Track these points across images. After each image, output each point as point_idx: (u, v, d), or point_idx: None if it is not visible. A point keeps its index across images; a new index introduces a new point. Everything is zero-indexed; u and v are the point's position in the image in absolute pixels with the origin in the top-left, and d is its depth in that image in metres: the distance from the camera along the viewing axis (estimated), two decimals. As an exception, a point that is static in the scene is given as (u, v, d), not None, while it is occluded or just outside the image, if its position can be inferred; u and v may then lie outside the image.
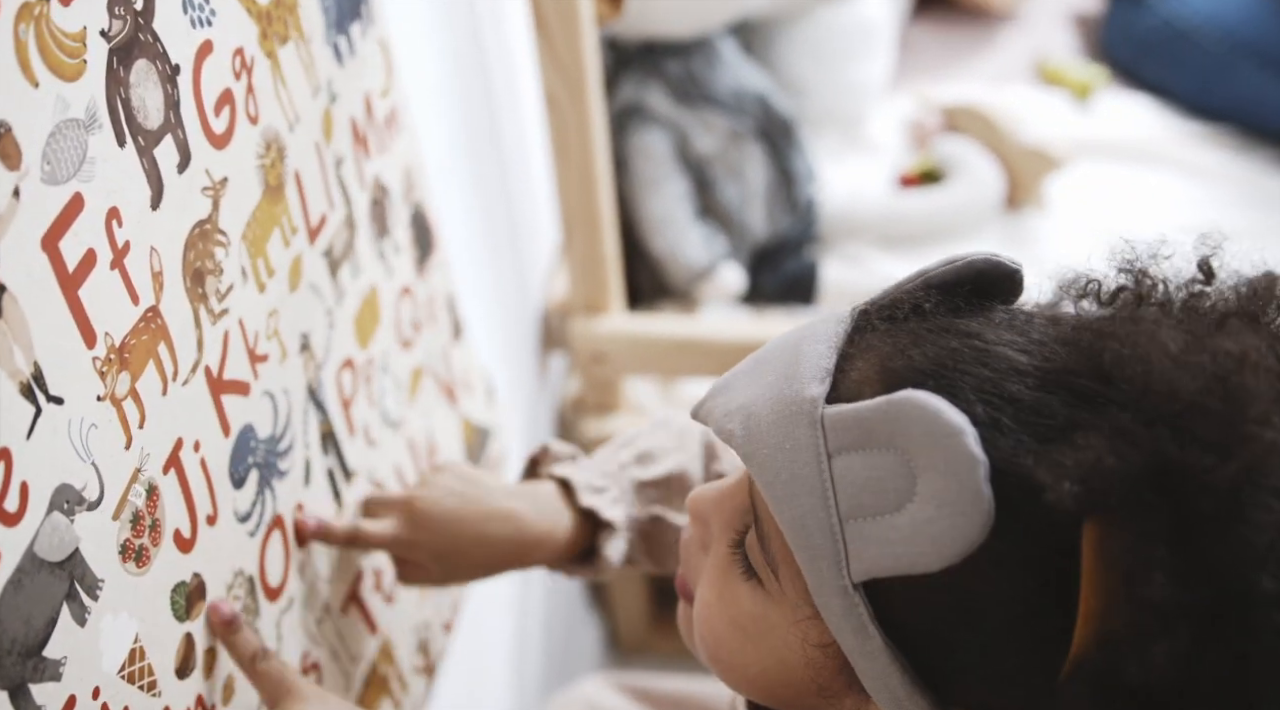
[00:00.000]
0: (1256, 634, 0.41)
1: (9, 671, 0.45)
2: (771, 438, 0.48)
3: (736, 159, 1.55)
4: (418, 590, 0.86)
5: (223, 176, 0.60)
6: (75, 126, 0.48)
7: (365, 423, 0.79)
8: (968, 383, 0.46)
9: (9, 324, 0.45)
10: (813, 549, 0.47)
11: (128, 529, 0.53)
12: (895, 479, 0.45)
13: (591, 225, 1.29)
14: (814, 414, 0.47)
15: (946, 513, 0.44)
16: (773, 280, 1.60)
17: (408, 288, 0.85)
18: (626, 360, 1.38)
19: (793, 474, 0.47)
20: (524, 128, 1.31)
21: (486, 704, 1.18)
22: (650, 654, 1.70)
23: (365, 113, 0.77)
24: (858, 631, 0.47)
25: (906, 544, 0.44)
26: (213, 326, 0.60)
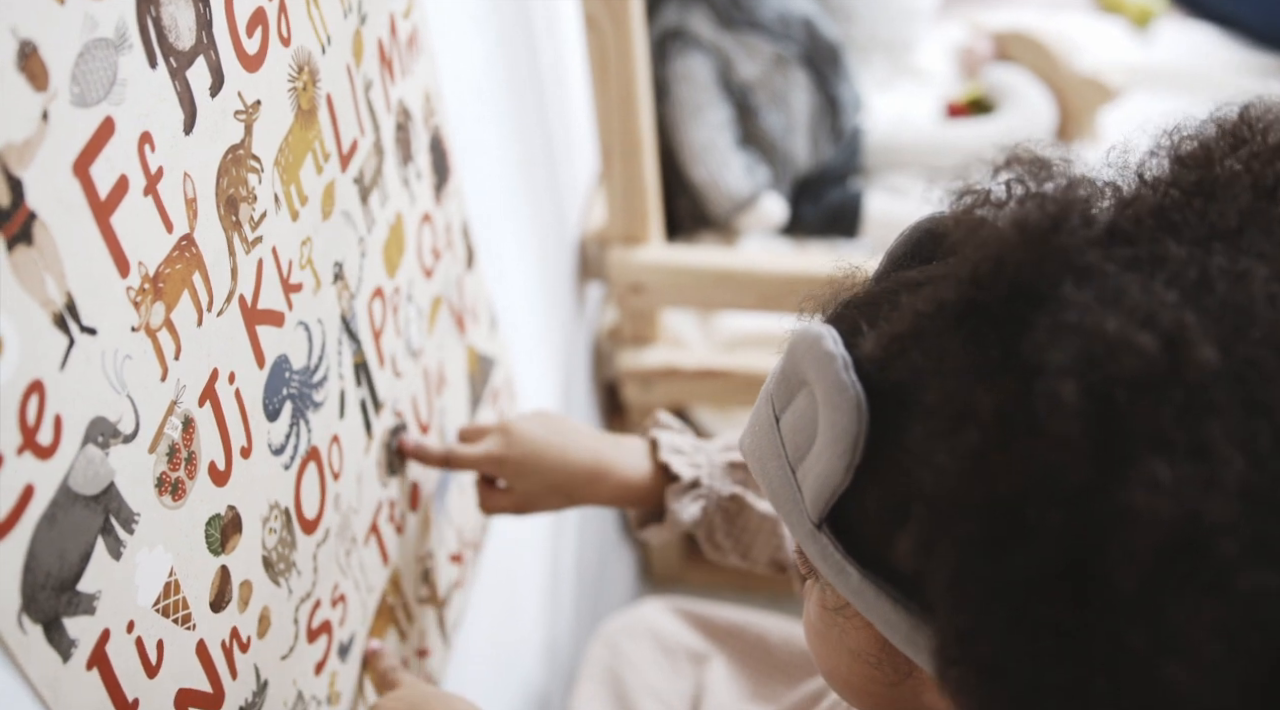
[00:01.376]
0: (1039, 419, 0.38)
1: (43, 605, 0.44)
2: (751, 428, 0.52)
3: (780, 86, 1.51)
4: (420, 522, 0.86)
5: (255, 100, 0.58)
6: (105, 46, 0.47)
7: (393, 353, 0.78)
8: (863, 310, 0.48)
9: (40, 252, 0.44)
10: (786, 508, 0.49)
11: (164, 462, 0.52)
12: (809, 410, 0.47)
13: (631, 153, 1.26)
14: (768, 390, 0.50)
15: (828, 415, 0.45)
16: (815, 211, 1.57)
17: (428, 215, 0.84)
18: (664, 291, 1.36)
19: (761, 449, 0.50)
20: (563, 51, 1.28)
21: (519, 632, 1.18)
22: (682, 585, 1.71)
23: (390, 34, 0.75)
24: (840, 573, 0.47)
25: (817, 462, 0.46)
26: (246, 255, 0.59)
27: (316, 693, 0.69)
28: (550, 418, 0.83)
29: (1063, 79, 1.63)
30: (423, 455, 0.82)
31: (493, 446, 0.81)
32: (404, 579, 0.83)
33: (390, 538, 0.81)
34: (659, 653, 1.03)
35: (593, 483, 0.80)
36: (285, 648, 0.65)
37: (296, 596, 0.66)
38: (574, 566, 1.40)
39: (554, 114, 1.25)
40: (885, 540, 0.44)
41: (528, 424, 0.82)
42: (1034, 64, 1.67)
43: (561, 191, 1.30)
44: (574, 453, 0.80)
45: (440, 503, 0.90)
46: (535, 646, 1.24)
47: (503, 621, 1.12)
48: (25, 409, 0.43)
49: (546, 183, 1.23)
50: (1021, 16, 1.79)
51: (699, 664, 1.02)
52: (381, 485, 0.79)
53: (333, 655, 0.72)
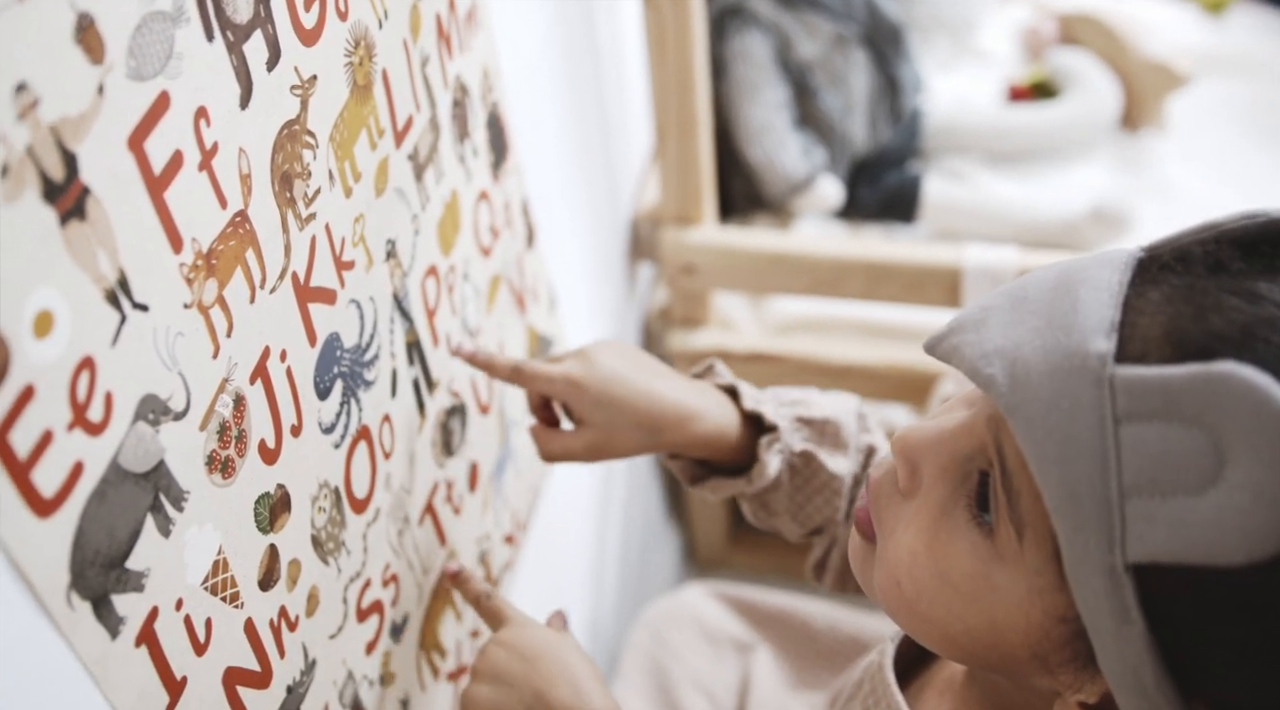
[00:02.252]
0: None
1: (92, 582, 0.44)
2: (1044, 391, 0.44)
3: (840, 66, 1.49)
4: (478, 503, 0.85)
5: (311, 74, 0.58)
6: (162, 19, 0.46)
7: (447, 331, 0.78)
8: (1273, 354, 0.41)
9: (93, 227, 0.43)
10: (1080, 519, 0.43)
11: (214, 440, 0.52)
12: (1199, 458, 0.40)
13: (686, 131, 1.24)
14: (1101, 372, 0.43)
15: (1264, 505, 0.39)
16: (872, 194, 1.55)
17: (485, 192, 0.83)
18: (716, 273, 1.35)
19: (1068, 435, 0.43)
20: (620, 27, 1.26)
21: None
22: (728, 568, 1.70)
23: (449, 9, 0.74)
24: (1117, 615, 0.43)
25: (1208, 532, 0.40)
26: (300, 232, 0.58)
27: (368, 672, 0.69)
28: (630, 347, 0.75)
29: (1129, 64, 1.59)
30: (488, 365, 0.75)
31: (571, 369, 0.72)
32: (461, 559, 0.83)
33: (448, 518, 0.80)
34: (703, 641, 1.02)
35: (682, 423, 0.72)
36: (334, 627, 0.65)
37: (346, 576, 0.66)
38: (618, 548, 1.40)
39: (610, 91, 1.24)
40: (1194, 618, 0.42)
41: (609, 350, 0.73)
42: (1100, 48, 1.63)
43: (615, 170, 1.28)
44: (661, 388, 0.72)
45: (498, 484, 0.90)
46: (579, 628, 1.23)
47: (547, 603, 1.12)
48: (76, 385, 0.43)
49: (601, 161, 1.22)
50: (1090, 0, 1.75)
51: (744, 653, 1.01)
52: (437, 465, 0.78)
53: (384, 635, 0.71)
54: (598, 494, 1.29)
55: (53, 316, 0.42)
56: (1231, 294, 0.43)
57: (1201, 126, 1.61)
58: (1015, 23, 1.76)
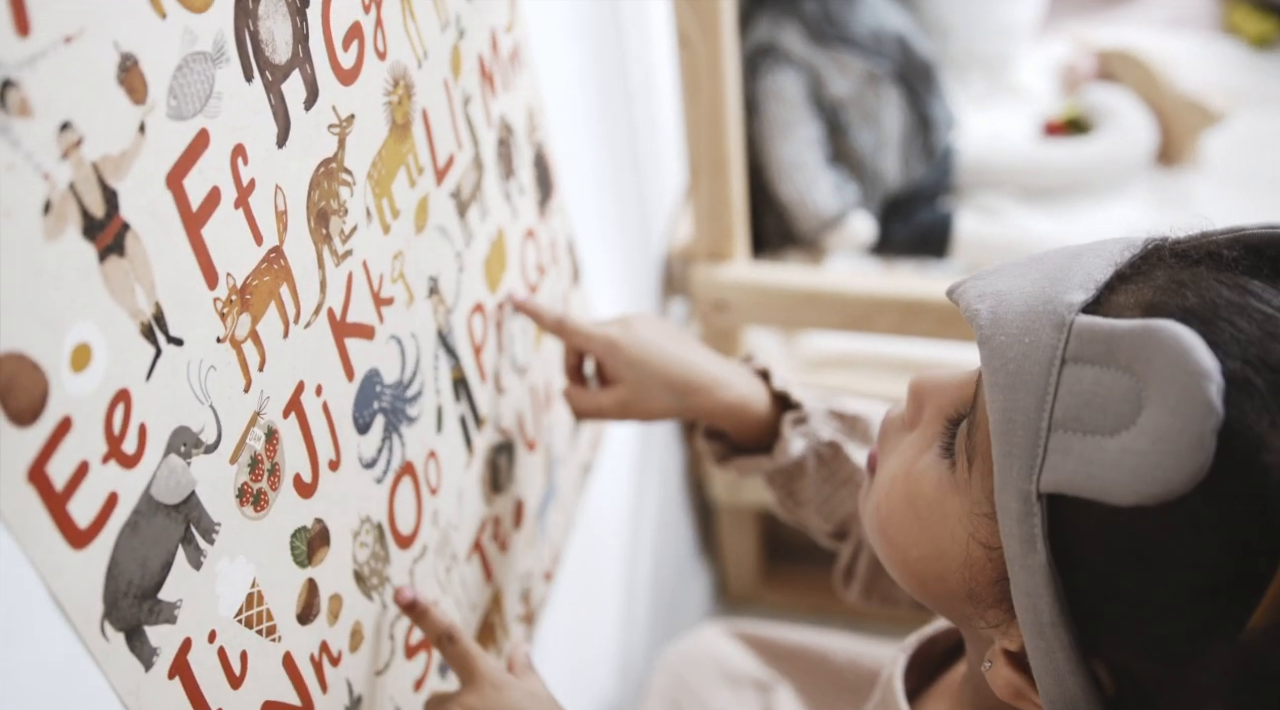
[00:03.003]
0: None
1: (125, 613, 0.45)
2: (1014, 326, 0.47)
3: (872, 103, 1.49)
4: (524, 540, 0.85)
5: (350, 113, 0.59)
6: (203, 59, 0.47)
7: (495, 369, 0.78)
8: (1232, 335, 0.43)
9: (132, 263, 0.44)
10: (1011, 445, 0.46)
11: (245, 472, 0.52)
12: (1121, 403, 0.43)
13: (719, 169, 1.25)
14: (1065, 317, 0.46)
15: (1160, 450, 0.41)
16: (904, 231, 1.54)
17: (531, 230, 0.84)
18: (749, 310, 1.35)
19: (1020, 367, 0.46)
20: (654, 66, 1.28)
21: (593, 650, 1.18)
22: (759, 605, 1.69)
23: (491, 49, 0.75)
24: (1026, 542, 0.45)
25: (1107, 469, 0.43)
26: (336, 268, 0.59)
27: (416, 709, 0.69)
28: (667, 321, 0.80)
29: (1165, 100, 1.58)
30: (535, 314, 0.80)
31: (611, 329, 0.77)
32: (506, 596, 0.83)
33: (494, 555, 0.80)
34: (724, 683, 1.01)
35: (710, 389, 0.76)
36: (380, 663, 0.65)
37: (392, 612, 0.66)
38: (649, 585, 1.39)
39: (643, 129, 1.25)
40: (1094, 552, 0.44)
41: (647, 319, 0.79)
42: (1137, 84, 1.62)
43: (648, 206, 1.29)
44: (693, 356, 0.77)
45: (542, 521, 0.90)
46: (609, 664, 1.23)
47: (578, 638, 1.11)
48: (111, 418, 0.43)
49: (634, 198, 1.23)
50: (1132, 34, 1.74)
51: (765, 692, 1.01)
52: (485, 502, 0.78)
53: (433, 672, 0.71)
54: (628, 530, 1.28)
55: (91, 350, 0.42)
56: (1220, 283, 0.45)
57: (1238, 163, 1.60)
58: (1052, 59, 1.76)
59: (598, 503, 1.12)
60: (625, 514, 1.27)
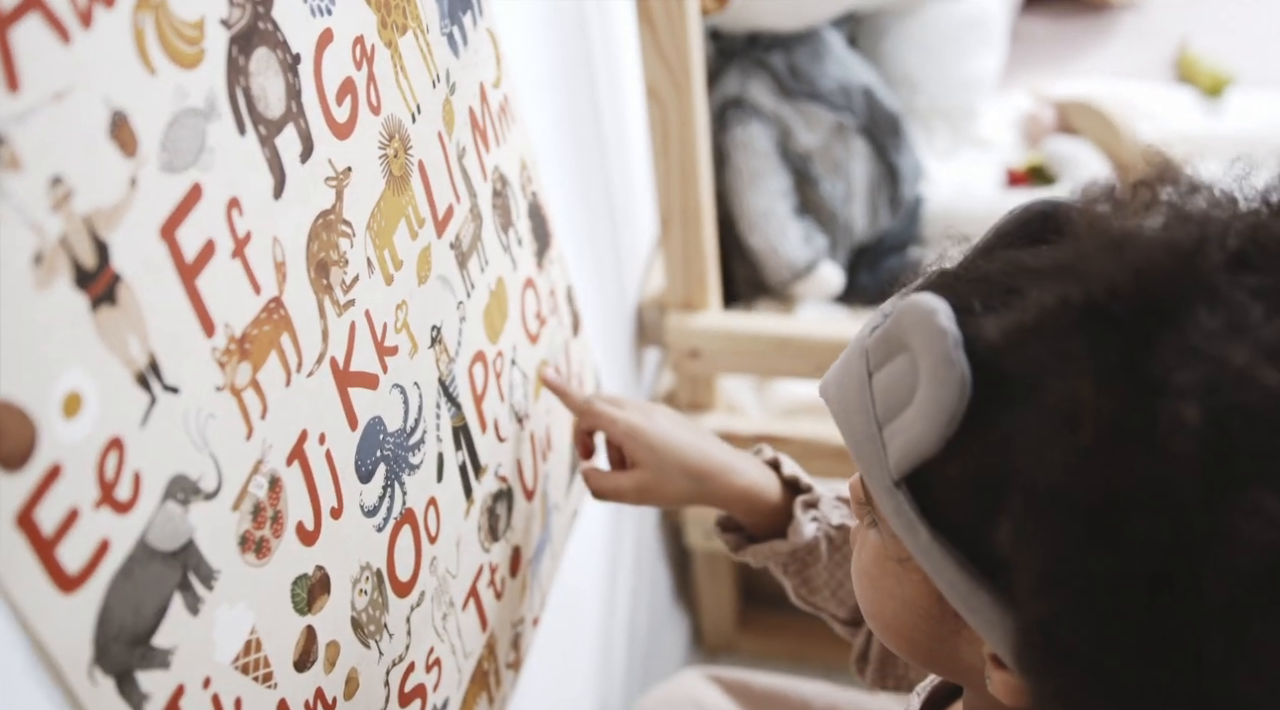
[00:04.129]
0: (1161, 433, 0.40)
1: (115, 658, 0.45)
2: (836, 377, 0.54)
3: (840, 155, 1.52)
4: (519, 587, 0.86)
5: (346, 166, 0.60)
6: (194, 115, 0.48)
7: (495, 417, 0.79)
8: (976, 287, 0.48)
9: (124, 312, 0.45)
10: (866, 460, 0.51)
11: (248, 520, 0.53)
12: (907, 376, 0.48)
13: (690, 220, 1.27)
14: (863, 345, 0.52)
15: (932, 388, 0.46)
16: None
17: (531, 280, 0.85)
18: (721, 358, 1.36)
19: (847, 400, 0.52)
20: (625, 119, 1.30)
21: (571, 698, 1.17)
22: (736, 652, 1.68)
23: (481, 102, 0.77)
24: (910, 530, 0.49)
25: (912, 427, 0.47)
26: (338, 318, 0.60)
27: None
28: (683, 416, 0.84)
29: (1124, 150, 1.62)
30: (563, 393, 0.85)
31: (633, 416, 0.81)
32: (499, 643, 0.83)
33: (490, 603, 0.80)
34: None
35: (724, 474, 0.79)
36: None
37: (388, 659, 0.66)
38: (626, 630, 1.39)
39: (616, 180, 1.27)
40: (959, 508, 0.48)
41: (666, 411, 0.83)
42: (1096, 134, 1.66)
43: (621, 257, 1.31)
44: (708, 445, 0.81)
45: (535, 568, 0.90)
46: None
47: (556, 686, 1.11)
48: (104, 464, 0.44)
49: (608, 248, 1.24)
50: (1090, 85, 1.78)
51: None
52: (483, 550, 0.78)
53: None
54: (605, 577, 1.29)
55: (81, 397, 0.43)
56: (976, 264, 0.51)
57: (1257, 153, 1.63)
58: (1014, 111, 1.80)
59: (576, 549, 1.12)
60: (602, 560, 1.27)
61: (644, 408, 0.82)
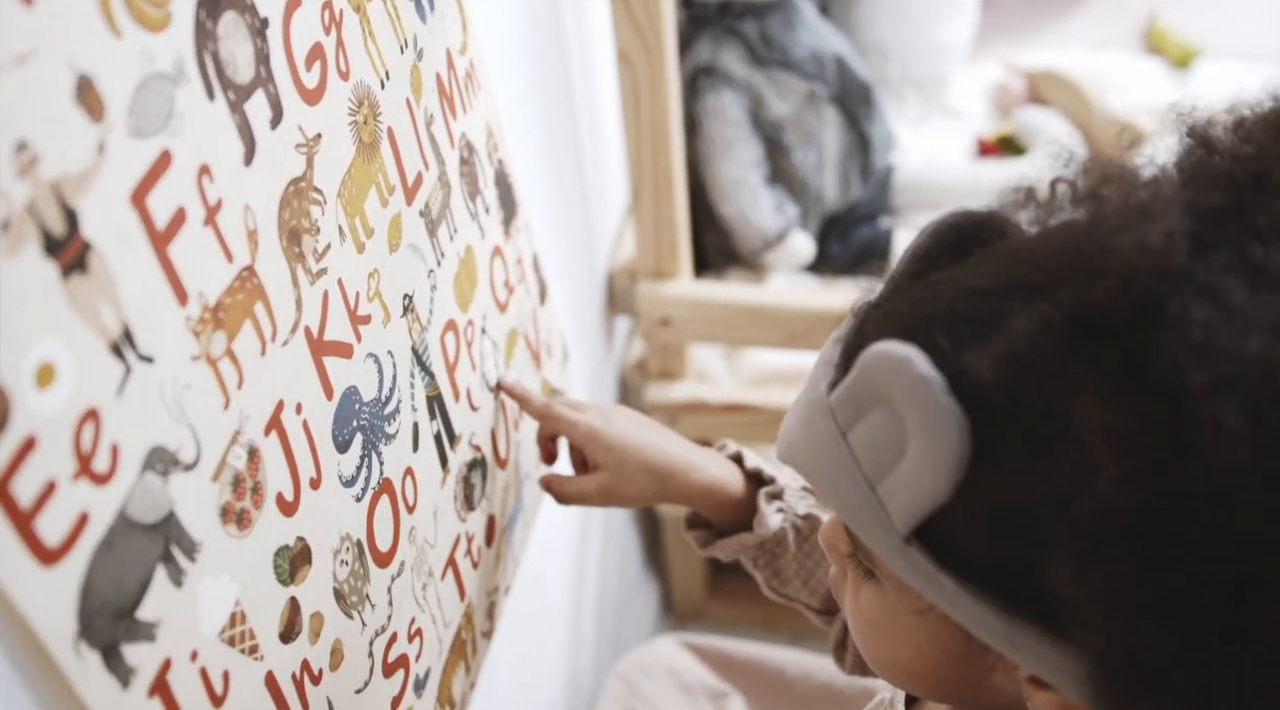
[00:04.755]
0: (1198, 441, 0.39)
1: (100, 632, 0.44)
2: (802, 442, 0.51)
3: (812, 124, 1.52)
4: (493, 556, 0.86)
5: (316, 133, 0.59)
6: (162, 79, 0.47)
7: (468, 386, 0.79)
8: (934, 323, 0.47)
9: (96, 281, 0.44)
10: (863, 523, 0.48)
11: (228, 491, 0.52)
12: (891, 429, 0.46)
13: (662, 188, 1.27)
14: (825, 404, 0.49)
15: (928, 437, 0.44)
16: (843, 249, 1.57)
17: (499, 248, 0.84)
18: (692, 326, 1.36)
19: (823, 463, 0.50)
20: (596, 87, 1.29)
21: (542, 666, 1.18)
22: (706, 620, 1.70)
23: (448, 69, 0.76)
24: (931, 583, 0.47)
25: (915, 481, 0.45)
26: (311, 286, 0.59)
27: None
28: (644, 416, 0.84)
29: (1093, 120, 1.63)
30: (523, 400, 0.84)
31: (593, 418, 0.80)
32: (476, 613, 0.83)
33: (467, 572, 0.80)
34: (678, 692, 1.02)
35: (687, 472, 0.79)
36: (360, 681, 0.64)
37: (371, 630, 0.66)
38: (596, 600, 1.40)
39: (586, 148, 1.26)
40: (982, 551, 0.46)
41: (626, 412, 0.82)
42: (1065, 104, 1.67)
43: (592, 225, 1.30)
44: (669, 443, 0.80)
45: (509, 537, 0.90)
46: (559, 679, 1.23)
47: (527, 653, 1.11)
48: (80, 436, 0.43)
49: (578, 216, 1.24)
50: (1060, 55, 1.79)
51: (718, 702, 1.02)
52: (460, 519, 0.78)
53: (409, 690, 0.71)
54: (576, 545, 1.29)
55: (54, 368, 0.42)
56: (908, 293, 0.50)
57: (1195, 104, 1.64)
58: (986, 80, 1.80)
59: (546, 518, 1.12)
60: (573, 528, 1.27)
61: (604, 410, 0.82)
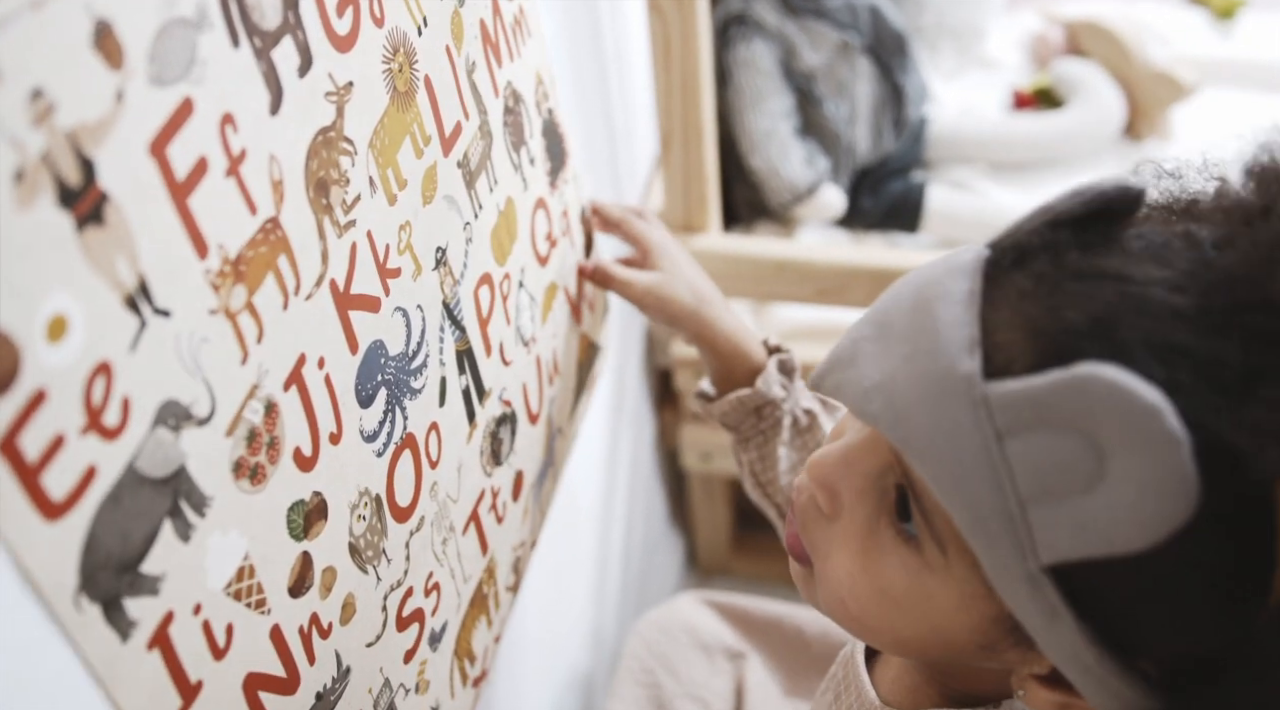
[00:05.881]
0: None
1: (102, 585, 0.44)
2: (925, 421, 0.45)
3: (844, 75, 1.49)
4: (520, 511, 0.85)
5: (347, 81, 0.57)
6: (183, 25, 0.46)
7: (501, 340, 0.77)
8: (1133, 339, 0.42)
9: (112, 233, 0.43)
10: (989, 536, 0.44)
11: (242, 446, 0.51)
12: (1081, 460, 0.42)
13: (691, 140, 1.24)
14: (972, 393, 0.44)
15: (1151, 494, 0.41)
16: (875, 203, 1.55)
17: (542, 200, 0.83)
18: (721, 281, 1.32)
19: (958, 458, 0.44)
20: (625, 35, 1.27)
21: (567, 620, 1.18)
22: (730, 576, 1.70)
23: (494, 15, 0.74)
24: (1046, 613, 0.45)
25: (1105, 526, 0.42)
26: (338, 239, 0.58)
27: (404, 680, 0.69)
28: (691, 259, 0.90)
29: (1134, 73, 1.59)
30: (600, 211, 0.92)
31: (664, 236, 0.89)
32: (499, 567, 0.83)
33: (490, 527, 0.80)
34: (696, 650, 1.02)
35: (721, 307, 0.84)
36: (371, 635, 0.64)
37: (386, 584, 0.65)
38: (622, 554, 1.40)
39: (615, 99, 1.24)
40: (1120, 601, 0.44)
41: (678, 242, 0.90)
42: (1106, 56, 1.63)
43: (620, 177, 1.29)
44: (707, 284, 0.87)
45: (537, 492, 0.89)
46: (583, 633, 1.23)
47: (552, 608, 1.12)
48: (91, 390, 0.43)
49: (606, 168, 1.22)
50: (1100, 5, 1.75)
51: (737, 661, 1.02)
52: (485, 474, 0.77)
53: (424, 644, 0.71)
54: (601, 500, 1.29)
55: (67, 321, 0.41)
56: (1075, 280, 0.44)
57: (1207, 135, 1.61)
58: (1023, 31, 1.76)
59: (572, 473, 1.12)
60: (598, 484, 1.27)
61: (662, 238, 0.89)
